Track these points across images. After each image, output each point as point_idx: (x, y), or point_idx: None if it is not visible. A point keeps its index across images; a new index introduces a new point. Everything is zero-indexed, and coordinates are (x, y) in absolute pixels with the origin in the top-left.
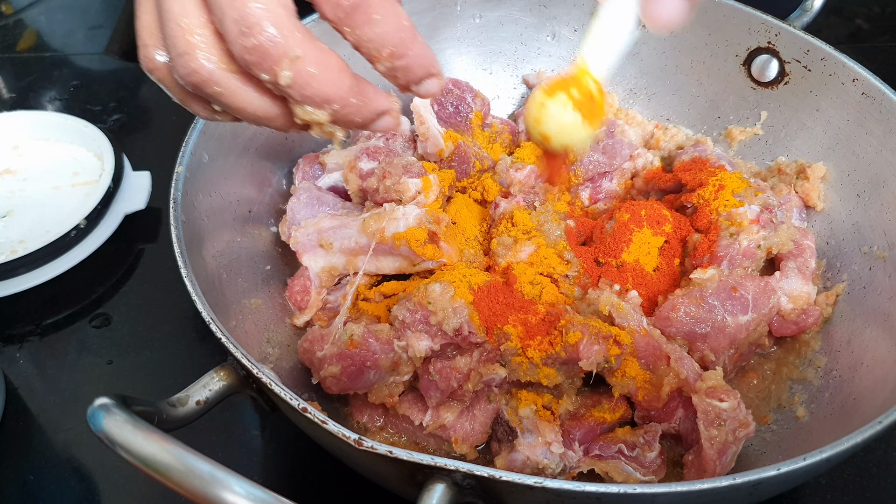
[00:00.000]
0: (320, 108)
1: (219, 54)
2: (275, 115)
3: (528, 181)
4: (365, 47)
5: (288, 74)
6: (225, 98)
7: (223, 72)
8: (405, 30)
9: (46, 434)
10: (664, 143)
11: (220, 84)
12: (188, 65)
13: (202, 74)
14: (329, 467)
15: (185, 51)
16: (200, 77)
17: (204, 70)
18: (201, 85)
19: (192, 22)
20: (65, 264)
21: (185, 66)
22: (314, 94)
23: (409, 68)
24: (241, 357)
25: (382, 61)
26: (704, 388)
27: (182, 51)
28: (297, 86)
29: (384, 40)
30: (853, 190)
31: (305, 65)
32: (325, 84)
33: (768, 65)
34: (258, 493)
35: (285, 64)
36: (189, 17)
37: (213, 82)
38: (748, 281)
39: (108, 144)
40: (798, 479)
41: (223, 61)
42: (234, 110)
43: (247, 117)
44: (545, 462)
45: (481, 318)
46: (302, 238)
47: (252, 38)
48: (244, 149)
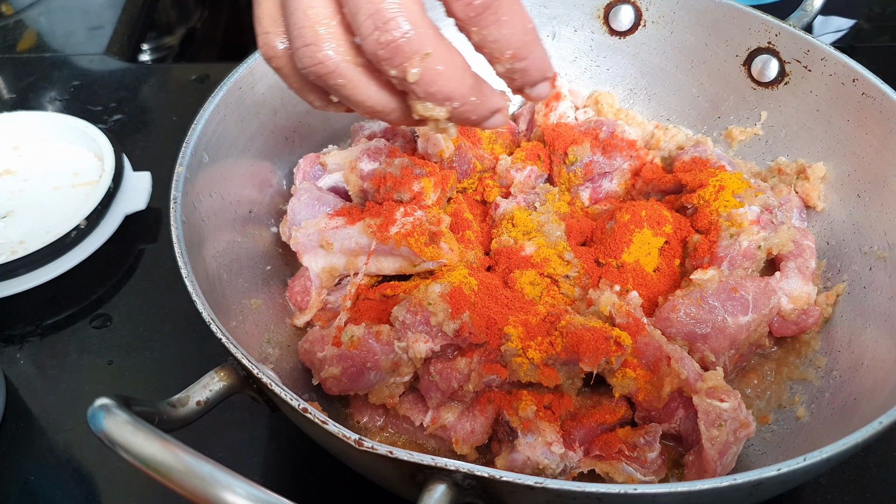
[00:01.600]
0: (441, 105)
1: (345, 46)
2: (392, 109)
3: (528, 181)
4: (488, 48)
5: (416, 71)
6: (346, 90)
7: (348, 64)
8: (530, 32)
9: (47, 434)
10: (664, 143)
11: (343, 76)
12: (314, 55)
13: (328, 66)
14: (329, 467)
15: (312, 41)
16: (326, 69)
17: (330, 62)
18: (325, 76)
19: (320, 13)
20: (65, 265)
21: (310, 57)
22: (438, 91)
23: (527, 71)
24: (241, 357)
25: (503, 62)
26: (705, 388)
27: (309, 41)
28: (423, 83)
29: (509, 42)
30: (853, 190)
31: (434, 62)
32: (450, 82)
33: (768, 65)
34: (258, 494)
35: (416, 61)
36: (318, 8)
37: (338, 74)
38: (748, 281)
39: (108, 145)
40: (798, 479)
41: (349, 54)
42: (353, 103)
43: (363, 110)
44: (546, 462)
45: (482, 319)
46: (302, 238)
47: (387, 33)
48: (244, 149)
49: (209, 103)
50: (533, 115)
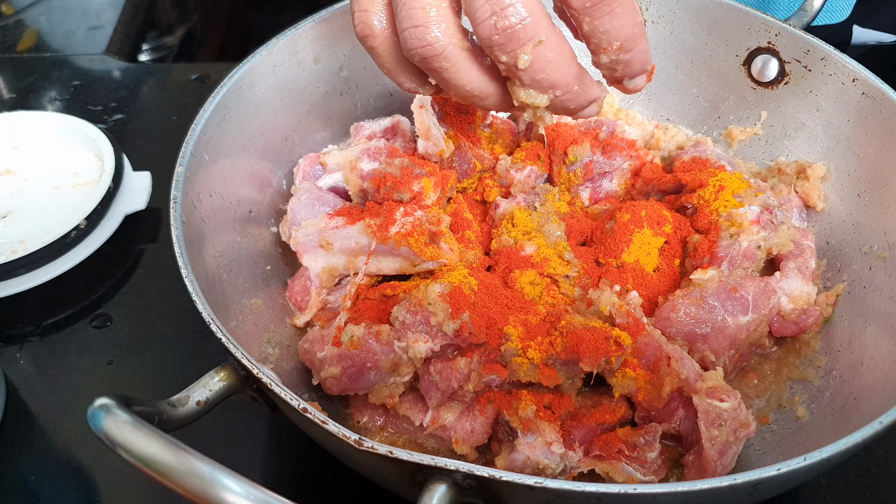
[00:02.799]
0: (544, 92)
1: (454, 29)
2: (490, 94)
3: (528, 181)
4: (596, 38)
5: (528, 58)
6: (448, 73)
7: (455, 48)
8: (638, 25)
9: (47, 434)
10: (664, 143)
11: (448, 59)
12: (423, 37)
13: (435, 49)
14: (329, 467)
15: (422, 23)
16: (433, 51)
17: (438, 44)
18: (431, 59)
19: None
20: (65, 265)
21: (419, 39)
22: (545, 79)
23: (630, 63)
24: (241, 357)
25: (609, 53)
26: (705, 388)
27: (418, 22)
28: (532, 70)
29: (619, 33)
30: (853, 190)
31: (546, 50)
32: (557, 70)
33: (768, 65)
34: (258, 494)
35: (529, 47)
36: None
37: (444, 58)
38: (748, 281)
39: (108, 145)
40: (798, 479)
41: (457, 37)
42: (452, 87)
43: (460, 93)
44: (546, 462)
45: (482, 319)
46: (302, 238)
47: (505, 19)
48: (244, 149)
49: (209, 103)
50: None
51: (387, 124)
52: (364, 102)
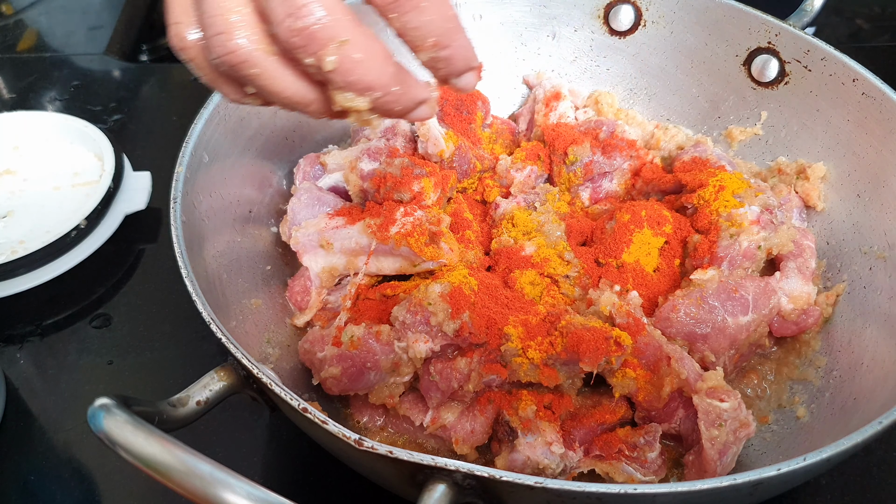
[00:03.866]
0: (362, 95)
1: (259, 35)
2: (311, 101)
3: (528, 181)
4: (410, 35)
5: (333, 59)
6: (261, 80)
7: (262, 53)
8: (451, 20)
9: (47, 434)
10: (664, 143)
11: (257, 66)
12: (226, 44)
13: (240, 55)
14: (329, 467)
15: (224, 30)
16: (238, 58)
17: (243, 51)
18: (238, 66)
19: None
20: (65, 264)
21: (222, 46)
22: (358, 80)
23: (451, 59)
24: (241, 357)
25: (426, 51)
26: (705, 388)
27: (220, 30)
28: (341, 71)
29: (430, 29)
30: (853, 190)
31: (352, 50)
32: (369, 71)
33: (768, 65)
34: (258, 494)
35: (332, 48)
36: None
37: (251, 64)
38: (748, 281)
39: (108, 145)
40: (798, 479)
41: (263, 42)
42: (269, 94)
43: (281, 101)
44: (546, 462)
45: (482, 319)
46: (302, 238)
47: (300, 20)
48: (245, 149)
49: (209, 103)
50: (533, 115)
51: (387, 124)
52: None
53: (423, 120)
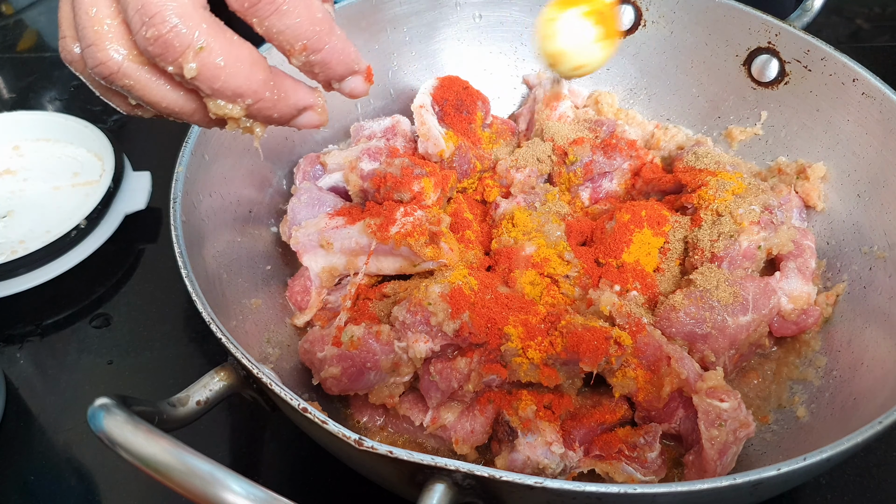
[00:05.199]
0: (233, 102)
1: (128, 46)
2: (191, 110)
3: (528, 181)
4: (276, 40)
5: (193, 66)
6: (137, 91)
7: (132, 63)
8: (319, 21)
9: (47, 434)
10: (664, 143)
11: (129, 77)
12: (96, 56)
13: (110, 66)
14: (329, 467)
15: (94, 41)
16: (109, 69)
17: (112, 62)
18: (111, 77)
19: (101, 12)
20: (65, 264)
21: (93, 58)
22: (223, 87)
23: (326, 63)
24: (241, 357)
25: (296, 55)
26: (705, 388)
27: (90, 41)
28: (204, 78)
29: (296, 33)
30: (853, 190)
31: (212, 56)
32: (234, 77)
33: (768, 65)
34: (258, 493)
35: (190, 55)
36: (98, 7)
37: (123, 74)
38: (748, 282)
39: (108, 144)
40: (798, 479)
41: (132, 53)
42: (149, 104)
43: (162, 111)
44: (546, 462)
45: (482, 319)
46: (302, 238)
47: (154, 28)
48: (245, 149)
49: None
50: (533, 115)
51: (387, 124)
52: (364, 102)
53: (312, 128)
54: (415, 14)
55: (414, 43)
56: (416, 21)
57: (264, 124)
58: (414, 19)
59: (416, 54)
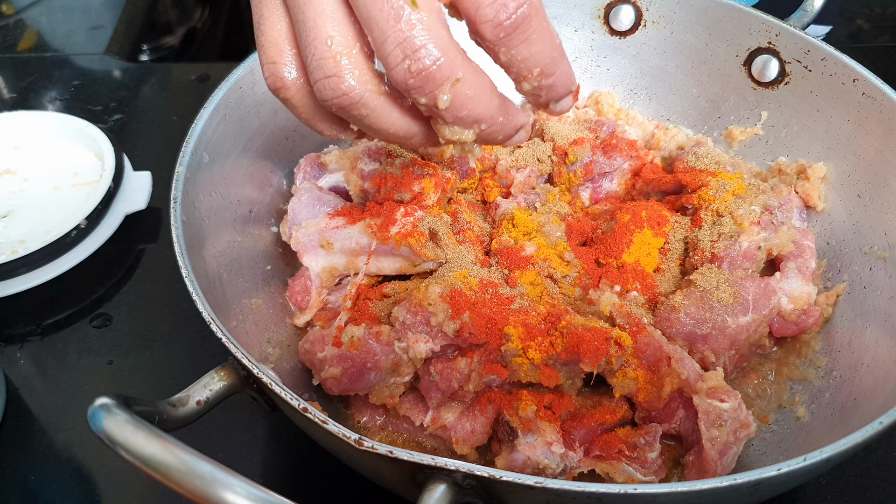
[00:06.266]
0: (469, 128)
1: (369, 76)
2: (415, 134)
3: (528, 182)
4: (516, 66)
5: (447, 98)
6: (369, 120)
7: (373, 94)
8: (557, 48)
9: (47, 434)
10: (664, 143)
11: (367, 106)
12: (338, 87)
13: (352, 97)
14: (329, 467)
15: (335, 73)
16: (350, 100)
17: (354, 93)
18: (349, 108)
19: (342, 42)
20: (65, 264)
21: (333, 89)
22: (468, 115)
23: (554, 87)
24: (241, 357)
25: (531, 80)
26: (705, 388)
27: (331, 73)
28: (453, 108)
29: (538, 60)
30: (854, 190)
31: (465, 88)
32: (479, 105)
33: (769, 65)
34: (258, 493)
35: (447, 87)
36: (339, 38)
37: (362, 105)
38: (748, 282)
39: (108, 144)
40: (798, 479)
41: (372, 83)
42: (375, 131)
43: (385, 136)
44: (546, 462)
45: (482, 319)
46: (303, 238)
47: (418, 62)
48: (245, 149)
49: (209, 103)
50: None
51: None
52: None
53: (519, 143)
54: None
55: None
56: None
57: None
58: None
59: None
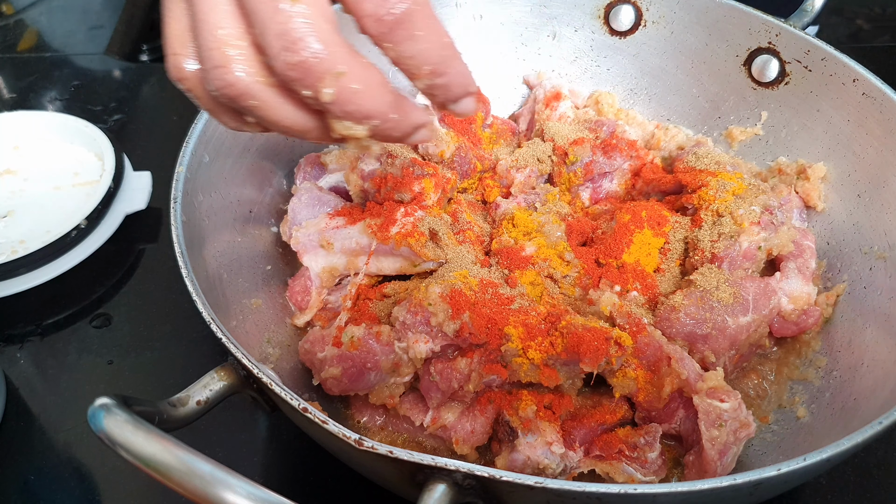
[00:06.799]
0: (360, 123)
1: (257, 67)
2: (311, 129)
3: (528, 182)
4: (405, 64)
5: (330, 91)
6: (260, 111)
7: (261, 85)
8: (447, 47)
9: (47, 434)
10: (665, 143)
11: (256, 98)
12: (224, 77)
13: (239, 88)
14: (329, 467)
15: (222, 63)
16: (237, 90)
17: (241, 83)
18: (237, 98)
19: (230, 33)
20: (65, 264)
21: (220, 79)
22: (356, 110)
23: (448, 87)
24: (241, 357)
25: (422, 79)
26: (705, 388)
27: (218, 63)
28: (339, 102)
29: (426, 58)
30: (853, 190)
31: (349, 81)
32: (367, 101)
33: (769, 65)
34: (258, 493)
35: (329, 80)
36: (227, 28)
37: (250, 96)
38: (748, 282)
39: (108, 144)
40: (798, 479)
41: (261, 74)
42: (269, 123)
43: (280, 129)
44: (546, 462)
45: (482, 319)
46: (303, 238)
47: (296, 54)
48: (245, 149)
49: None
50: (533, 115)
51: None
52: None
53: (423, 143)
54: None
55: None
56: None
57: (381, 142)
58: None
59: None
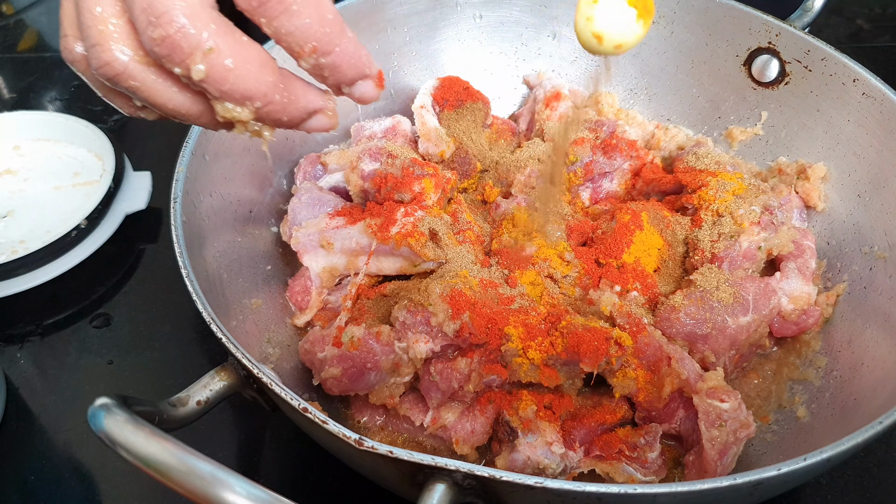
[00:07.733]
0: (241, 104)
1: (134, 46)
2: (198, 112)
3: (528, 181)
4: (285, 41)
5: (201, 68)
6: (142, 93)
7: (138, 65)
8: (330, 23)
9: (47, 434)
10: (665, 143)
11: (135, 78)
12: (100, 56)
13: (115, 67)
14: (329, 467)
15: (98, 41)
16: (114, 70)
17: (117, 62)
18: (116, 78)
19: (106, 11)
20: (65, 264)
21: (97, 58)
22: (232, 89)
23: (336, 66)
24: (241, 357)
25: (306, 57)
26: (705, 388)
27: (95, 41)
28: (212, 80)
29: (305, 34)
30: (854, 190)
31: (220, 58)
32: (243, 79)
33: (769, 65)
34: (258, 493)
35: (198, 57)
36: (103, 6)
37: (128, 76)
38: (748, 282)
39: (108, 144)
40: (798, 479)
41: (139, 53)
42: (154, 105)
43: (167, 113)
44: (546, 462)
45: (482, 319)
46: (303, 238)
47: (160, 28)
48: (245, 149)
49: None
50: (533, 116)
51: (387, 124)
52: None
53: (321, 131)
54: (415, 14)
55: (414, 43)
56: (416, 21)
57: (273, 128)
58: (414, 19)
59: (417, 54)
